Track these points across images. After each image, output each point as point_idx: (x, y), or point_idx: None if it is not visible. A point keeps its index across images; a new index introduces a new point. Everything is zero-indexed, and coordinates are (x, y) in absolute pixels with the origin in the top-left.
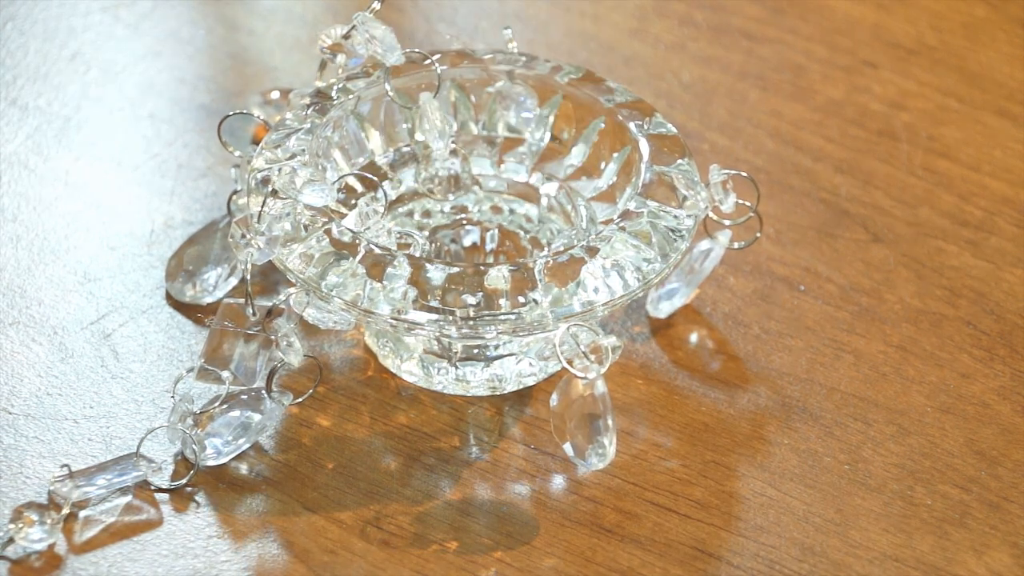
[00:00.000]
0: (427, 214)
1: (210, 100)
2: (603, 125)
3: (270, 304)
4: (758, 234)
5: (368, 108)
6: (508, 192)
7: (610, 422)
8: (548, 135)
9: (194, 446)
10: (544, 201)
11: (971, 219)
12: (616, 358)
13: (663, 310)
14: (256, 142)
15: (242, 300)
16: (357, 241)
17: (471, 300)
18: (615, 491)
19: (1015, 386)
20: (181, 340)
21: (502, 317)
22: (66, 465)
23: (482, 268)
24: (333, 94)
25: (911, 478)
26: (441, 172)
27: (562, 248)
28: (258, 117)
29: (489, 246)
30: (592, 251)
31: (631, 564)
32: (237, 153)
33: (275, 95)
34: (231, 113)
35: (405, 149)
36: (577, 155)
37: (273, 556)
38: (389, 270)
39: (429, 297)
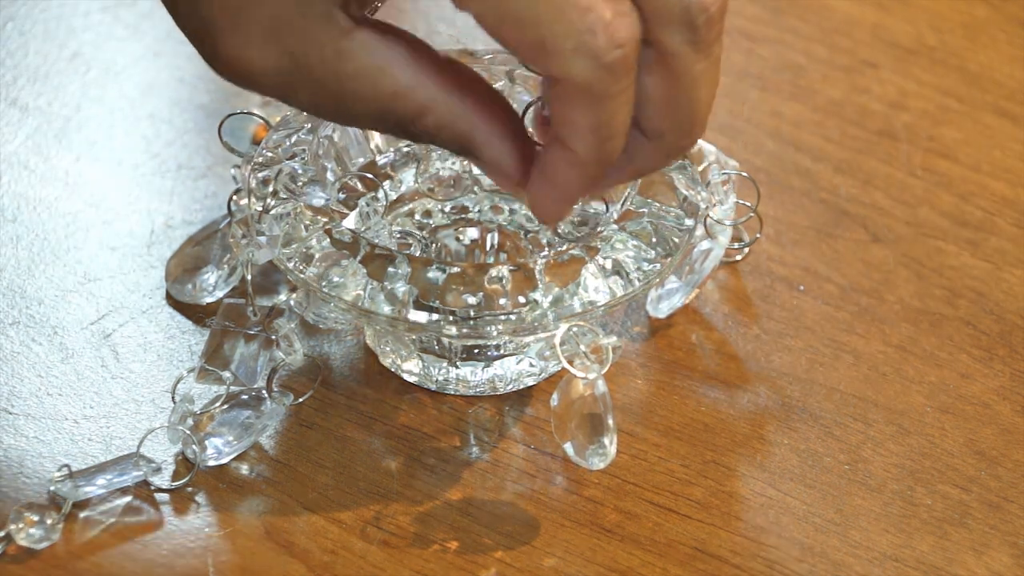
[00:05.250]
0: (427, 214)
1: (210, 100)
2: None
3: (271, 304)
4: (758, 235)
5: None
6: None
7: (610, 422)
8: None
9: (194, 446)
10: None
11: (971, 219)
12: (616, 358)
13: (663, 310)
14: (256, 142)
15: (242, 300)
16: (357, 241)
17: (471, 300)
18: (615, 491)
19: (1015, 386)
20: (181, 340)
21: (502, 317)
22: (66, 465)
23: (482, 268)
24: None
25: (911, 478)
26: (442, 172)
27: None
28: (258, 117)
29: (489, 246)
30: (592, 251)
31: (631, 564)
32: (237, 153)
33: None
34: (231, 113)
35: (405, 149)
36: None
37: (273, 556)
38: (389, 270)
39: (429, 297)
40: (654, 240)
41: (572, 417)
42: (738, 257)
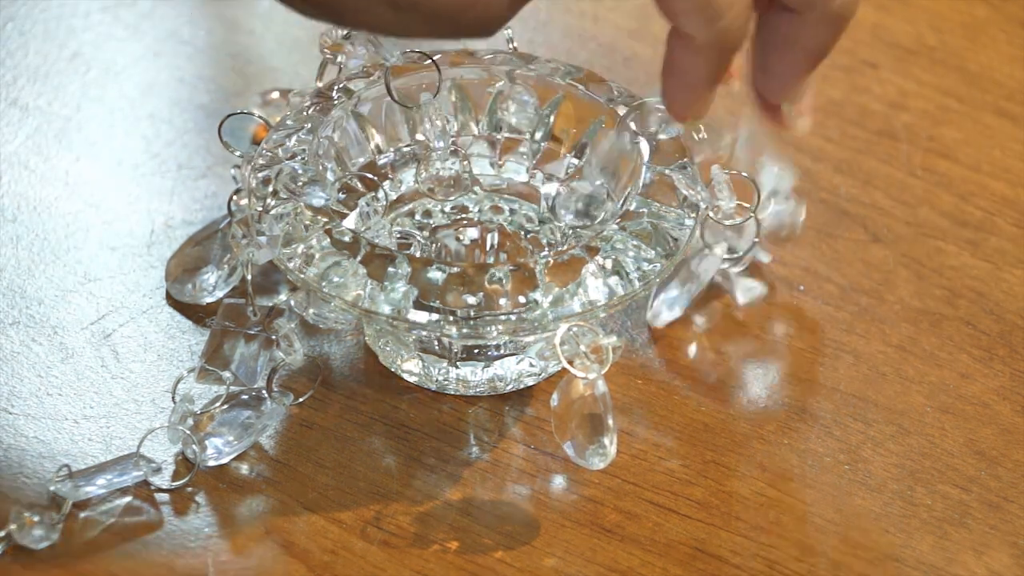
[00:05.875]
0: (427, 214)
1: (210, 100)
2: (604, 125)
3: (271, 304)
4: (756, 239)
5: (368, 108)
6: (508, 192)
7: (610, 422)
8: (549, 135)
9: (194, 446)
10: (544, 202)
11: (971, 219)
12: (617, 358)
13: (663, 320)
14: (256, 142)
15: (243, 300)
16: (357, 241)
17: (471, 300)
18: (615, 491)
19: (1015, 386)
20: (181, 340)
21: (502, 317)
22: (66, 465)
23: (482, 268)
24: (333, 94)
25: (911, 478)
26: (442, 172)
27: (563, 248)
28: (258, 117)
29: (489, 246)
30: (592, 251)
31: (631, 564)
32: (237, 153)
33: (275, 95)
34: (231, 113)
35: (406, 149)
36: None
37: (273, 556)
38: (389, 270)
39: (429, 297)
40: (654, 240)
41: (572, 417)
42: (737, 253)
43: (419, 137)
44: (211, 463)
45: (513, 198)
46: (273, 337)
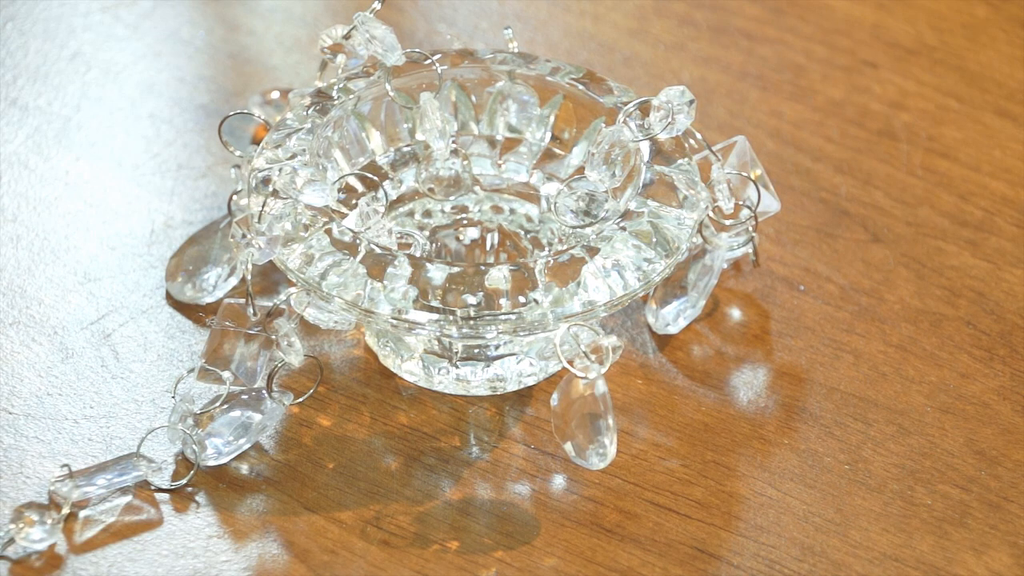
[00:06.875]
0: (427, 214)
1: (210, 100)
2: (604, 125)
3: (271, 304)
4: (753, 234)
5: (368, 108)
6: (508, 192)
7: (611, 422)
8: (549, 135)
9: (194, 446)
10: (544, 202)
11: (971, 219)
12: (617, 358)
13: (670, 330)
14: (256, 142)
15: (243, 300)
16: (357, 241)
17: (471, 300)
18: (615, 491)
19: (1015, 386)
20: (181, 340)
21: (502, 317)
22: (66, 465)
23: (483, 268)
24: (333, 94)
25: (911, 478)
26: (442, 172)
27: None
28: (258, 117)
29: (489, 246)
30: (592, 251)
31: (631, 564)
32: (237, 153)
33: (275, 95)
34: (231, 113)
35: (406, 149)
36: (578, 155)
37: (273, 556)
38: (389, 270)
39: (429, 297)
40: (654, 240)
41: (572, 417)
42: (752, 258)
43: (419, 137)
44: (211, 463)
45: (513, 198)
46: (273, 337)
